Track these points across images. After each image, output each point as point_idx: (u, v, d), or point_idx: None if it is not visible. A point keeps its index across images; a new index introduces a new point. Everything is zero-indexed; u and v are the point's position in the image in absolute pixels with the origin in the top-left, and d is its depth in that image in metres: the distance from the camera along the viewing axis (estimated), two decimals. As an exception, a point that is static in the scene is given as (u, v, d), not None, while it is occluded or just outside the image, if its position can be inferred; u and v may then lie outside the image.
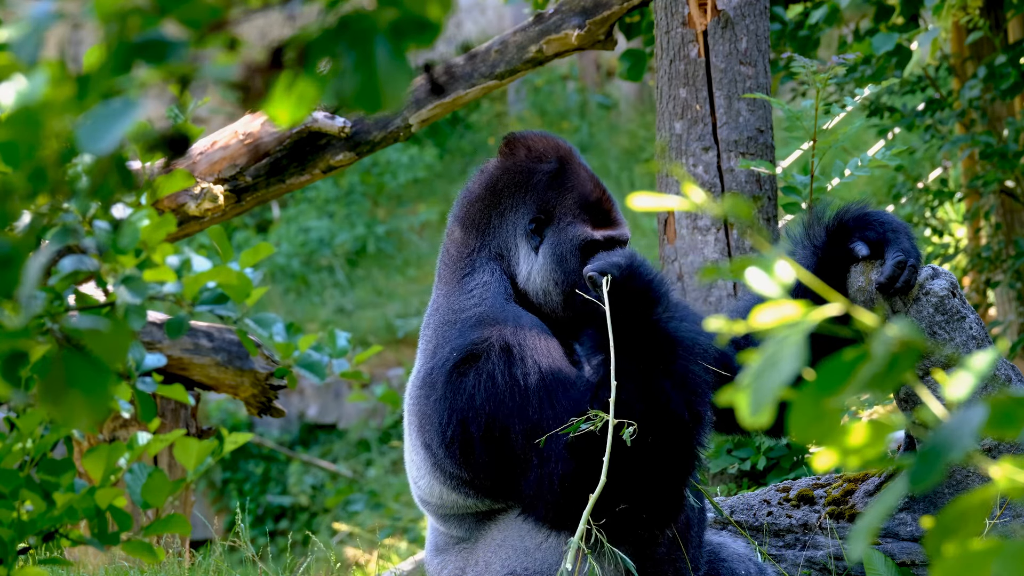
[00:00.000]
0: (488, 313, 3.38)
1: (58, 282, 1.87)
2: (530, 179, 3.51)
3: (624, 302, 3.21)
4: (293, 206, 15.52)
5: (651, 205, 1.61)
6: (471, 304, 3.43)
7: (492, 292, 3.44)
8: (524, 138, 3.58)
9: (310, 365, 2.26)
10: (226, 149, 5.69)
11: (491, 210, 3.53)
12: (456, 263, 3.52)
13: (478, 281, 3.47)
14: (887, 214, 3.57)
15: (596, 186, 3.52)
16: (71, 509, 2.23)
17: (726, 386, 1.95)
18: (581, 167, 3.54)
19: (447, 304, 3.48)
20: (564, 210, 3.48)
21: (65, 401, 1.63)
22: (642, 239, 12.89)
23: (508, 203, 3.52)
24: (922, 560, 3.71)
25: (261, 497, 12.42)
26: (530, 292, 3.48)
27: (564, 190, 3.49)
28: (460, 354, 3.30)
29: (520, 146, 3.56)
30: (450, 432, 3.30)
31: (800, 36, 7.54)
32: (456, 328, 3.38)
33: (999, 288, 7.91)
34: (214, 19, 1.39)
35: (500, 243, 3.51)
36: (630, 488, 3.19)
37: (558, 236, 3.47)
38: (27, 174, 1.49)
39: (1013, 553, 1.36)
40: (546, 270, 3.47)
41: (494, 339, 3.28)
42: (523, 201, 3.51)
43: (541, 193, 3.50)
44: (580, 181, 3.51)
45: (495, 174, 3.55)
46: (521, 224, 3.50)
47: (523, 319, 3.35)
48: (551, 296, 3.47)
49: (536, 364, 3.26)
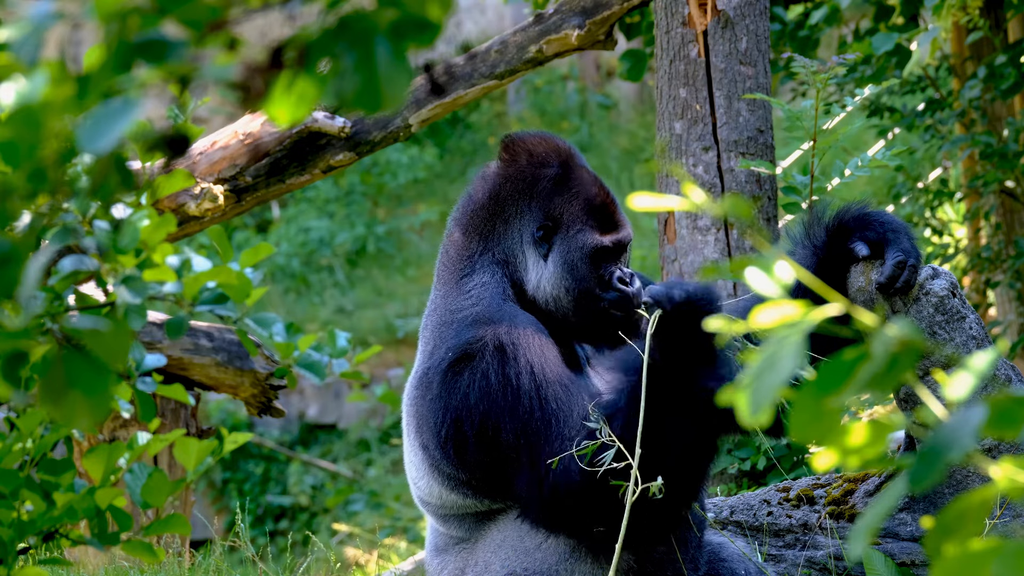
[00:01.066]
0: (484, 313, 3.38)
1: (58, 282, 1.87)
2: (535, 186, 3.49)
3: (671, 346, 3.12)
4: (293, 206, 15.52)
5: (651, 205, 1.61)
6: (468, 304, 3.43)
7: (490, 292, 3.44)
8: (524, 141, 3.55)
9: (310, 365, 2.27)
10: (226, 149, 5.69)
11: (495, 217, 3.52)
12: (455, 264, 3.51)
13: (476, 282, 3.47)
14: (887, 214, 3.57)
15: (600, 188, 3.51)
16: (71, 509, 2.23)
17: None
18: (583, 169, 3.52)
19: (444, 305, 3.48)
20: (571, 216, 3.47)
21: (65, 401, 1.63)
22: (642, 239, 12.89)
23: (512, 210, 3.50)
24: (922, 560, 3.71)
25: (261, 497, 12.42)
26: (539, 299, 3.47)
27: (570, 195, 3.48)
28: (455, 354, 3.31)
29: (521, 150, 3.54)
30: (445, 431, 3.31)
31: (800, 36, 7.54)
32: (453, 328, 3.39)
33: (999, 288, 7.91)
34: (214, 19, 1.39)
35: (505, 249, 3.50)
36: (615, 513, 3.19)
37: (567, 244, 3.46)
38: (27, 174, 1.49)
39: (1013, 553, 1.36)
40: (556, 278, 3.46)
41: (488, 338, 3.28)
42: (528, 208, 3.50)
43: (546, 200, 3.48)
44: (584, 185, 3.49)
45: (498, 180, 3.53)
46: (528, 231, 3.49)
47: (519, 318, 3.35)
48: (561, 303, 3.46)
49: (529, 364, 3.25)
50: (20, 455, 2.24)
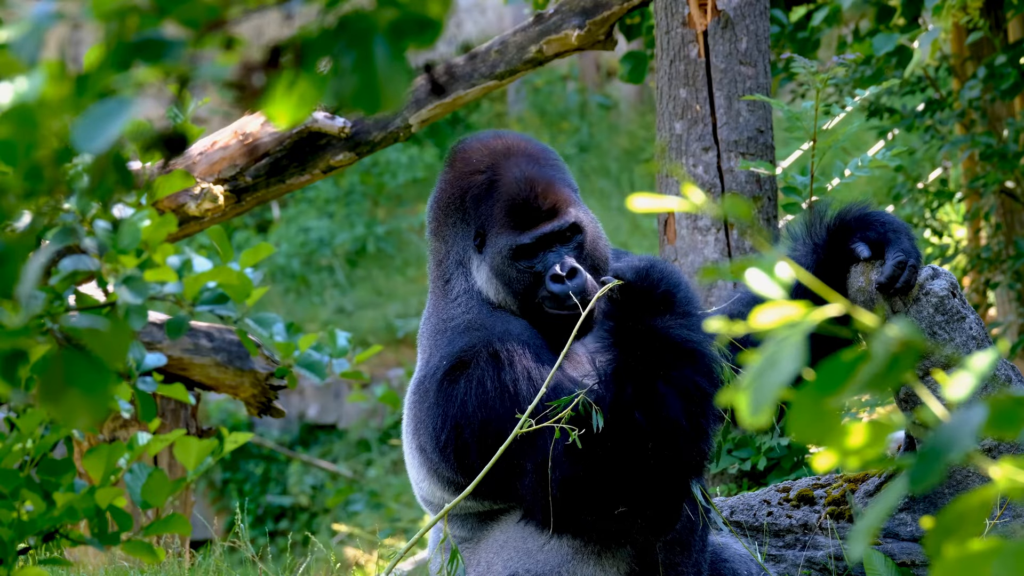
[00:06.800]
0: (475, 320, 3.39)
1: (58, 282, 1.87)
2: (465, 196, 3.49)
3: (633, 305, 3.20)
4: (293, 206, 15.53)
5: (651, 206, 1.61)
6: (459, 312, 3.45)
7: (477, 299, 3.45)
8: (463, 149, 3.54)
9: (310, 365, 2.26)
10: (226, 149, 5.69)
11: (444, 225, 3.54)
12: (437, 270, 3.56)
13: (459, 289, 3.49)
14: (888, 214, 3.57)
15: (524, 184, 3.44)
16: (71, 509, 2.23)
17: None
18: (514, 167, 3.47)
19: (436, 312, 3.51)
20: (493, 221, 3.45)
21: (65, 401, 1.63)
22: (642, 239, 12.89)
23: (453, 219, 3.52)
24: (922, 560, 3.71)
25: (261, 497, 12.42)
26: (492, 301, 3.47)
27: (492, 201, 3.45)
28: (450, 362, 3.31)
29: (458, 158, 3.54)
30: (444, 437, 3.31)
31: (799, 38, 7.54)
32: (446, 336, 3.40)
33: (999, 288, 7.91)
34: (212, 18, 1.39)
35: (459, 252, 3.53)
36: (626, 494, 3.18)
37: (493, 249, 3.44)
38: (24, 173, 1.49)
39: (1013, 553, 1.36)
40: (494, 282, 3.46)
41: (481, 346, 3.29)
42: (463, 219, 3.50)
43: (474, 210, 3.48)
44: (508, 186, 3.45)
45: (441, 188, 3.55)
46: (468, 239, 3.50)
47: (510, 324, 3.36)
48: (508, 304, 3.46)
49: (525, 369, 3.26)
50: (20, 455, 2.24)
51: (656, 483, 3.17)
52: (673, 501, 3.23)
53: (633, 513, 3.20)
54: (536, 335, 3.36)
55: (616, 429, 3.12)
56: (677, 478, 3.20)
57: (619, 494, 3.18)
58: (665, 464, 3.15)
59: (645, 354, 3.15)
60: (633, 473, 3.15)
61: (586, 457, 3.16)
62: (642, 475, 3.16)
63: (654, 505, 3.21)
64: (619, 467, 3.15)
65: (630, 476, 3.16)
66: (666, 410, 3.12)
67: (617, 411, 3.12)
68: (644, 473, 3.15)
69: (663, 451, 3.14)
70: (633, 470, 3.15)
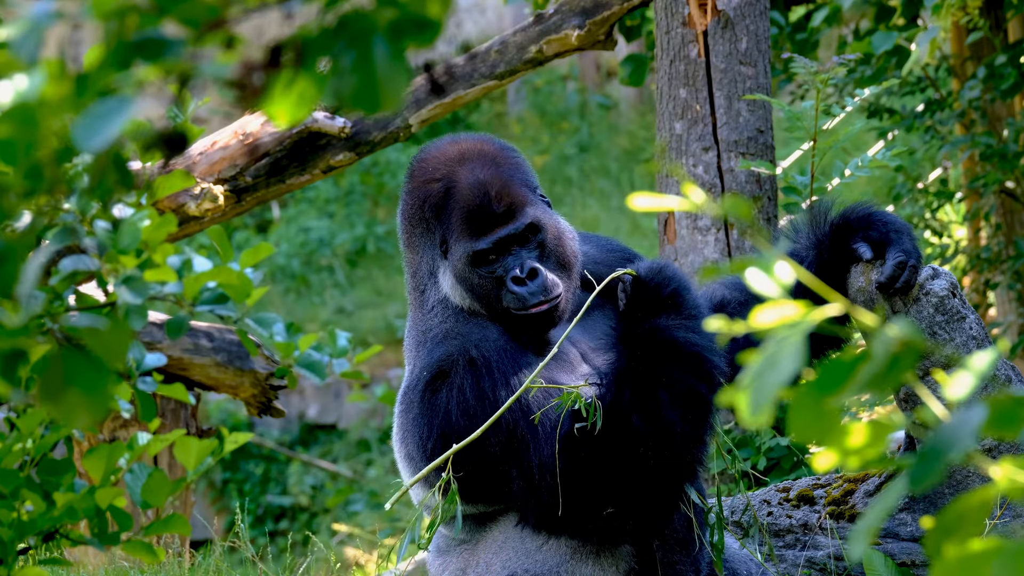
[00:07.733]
0: (452, 329, 3.39)
1: (58, 282, 1.87)
2: (424, 206, 3.46)
3: (641, 300, 3.20)
4: (293, 206, 15.53)
5: (651, 205, 1.61)
6: (436, 323, 3.44)
7: (452, 308, 3.44)
8: (422, 159, 3.51)
9: (310, 365, 2.26)
10: (226, 149, 5.69)
11: (412, 235, 3.52)
12: (412, 281, 3.56)
13: (434, 299, 3.48)
14: (890, 214, 3.57)
15: (479, 188, 3.40)
16: (71, 509, 2.23)
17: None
18: (468, 172, 3.43)
19: (415, 324, 3.51)
20: (452, 229, 3.42)
21: (65, 400, 1.63)
22: (642, 239, 12.89)
23: (419, 230, 3.50)
24: (922, 560, 3.71)
25: (261, 497, 12.42)
26: (464, 309, 3.45)
27: (450, 209, 3.42)
28: (430, 372, 3.32)
29: (417, 168, 3.51)
30: (431, 447, 3.31)
31: (799, 39, 7.54)
32: (425, 348, 3.40)
33: (999, 289, 7.91)
34: (212, 18, 1.39)
35: (429, 262, 3.51)
36: (619, 496, 3.18)
37: (454, 257, 3.42)
38: (23, 172, 1.49)
39: (1013, 553, 1.36)
40: (458, 289, 3.43)
41: (458, 354, 3.28)
42: (427, 229, 3.48)
43: (435, 219, 3.45)
44: (462, 192, 3.41)
45: (404, 200, 3.53)
46: (433, 248, 3.49)
47: (487, 331, 3.34)
48: (478, 310, 3.43)
49: (504, 375, 3.25)
50: (20, 455, 2.24)
51: (650, 486, 3.18)
52: (666, 504, 3.24)
53: (624, 515, 3.21)
54: (510, 339, 3.35)
55: (612, 432, 3.12)
56: (671, 482, 3.21)
57: (611, 497, 3.19)
58: (660, 468, 3.15)
59: (647, 355, 3.14)
60: (627, 476, 3.15)
61: (580, 460, 3.16)
62: (636, 478, 3.16)
63: (646, 508, 3.22)
64: (613, 470, 3.15)
65: (624, 479, 3.16)
66: (664, 415, 3.12)
67: (614, 414, 3.12)
68: (638, 476, 3.16)
69: (659, 455, 3.13)
70: (627, 473, 3.15)
